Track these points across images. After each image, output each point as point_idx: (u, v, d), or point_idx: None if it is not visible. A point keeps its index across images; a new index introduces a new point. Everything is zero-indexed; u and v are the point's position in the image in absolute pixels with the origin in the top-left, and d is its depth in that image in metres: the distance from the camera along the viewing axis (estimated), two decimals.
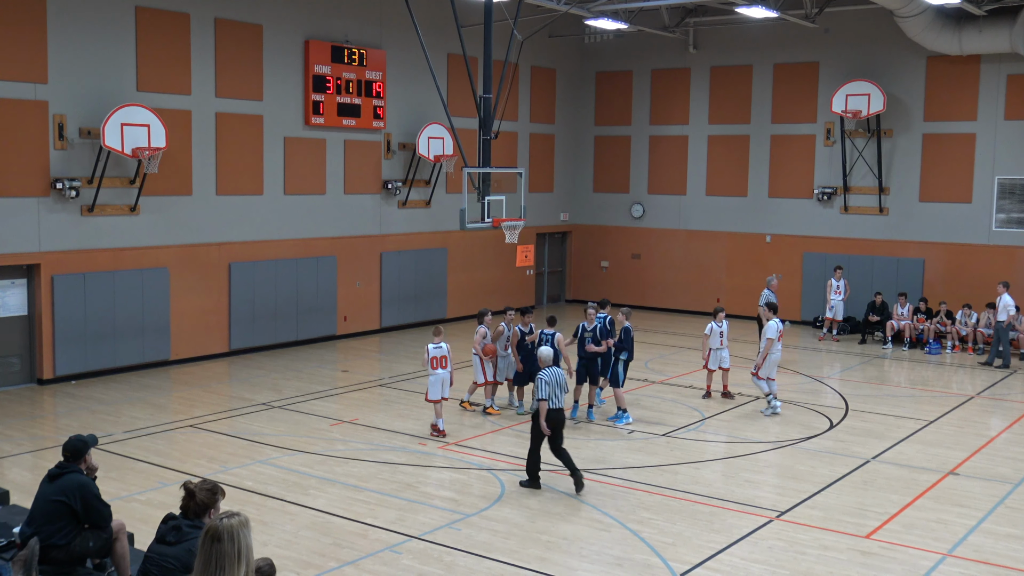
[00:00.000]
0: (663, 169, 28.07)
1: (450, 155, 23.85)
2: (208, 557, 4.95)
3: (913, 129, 24.37)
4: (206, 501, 6.55)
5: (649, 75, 28.08)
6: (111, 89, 17.96)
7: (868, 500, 11.98)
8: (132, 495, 11.69)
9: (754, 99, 26.47)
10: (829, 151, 25.45)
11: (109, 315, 18.20)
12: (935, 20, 22.37)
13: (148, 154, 17.72)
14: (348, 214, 22.73)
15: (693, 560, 9.97)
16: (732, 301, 27.02)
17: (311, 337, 21.93)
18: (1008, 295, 20.73)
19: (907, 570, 9.82)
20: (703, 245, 27.49)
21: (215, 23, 19.62)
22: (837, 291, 23.67)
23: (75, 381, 17.80)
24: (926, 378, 20.01)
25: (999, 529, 11.05)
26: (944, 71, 23.83)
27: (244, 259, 20.54)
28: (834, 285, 23.69)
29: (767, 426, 15.52)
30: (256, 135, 20.65)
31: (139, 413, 15.70)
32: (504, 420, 15.68)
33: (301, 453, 13.61)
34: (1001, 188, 23.42)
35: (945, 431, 15.41)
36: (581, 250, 29.80)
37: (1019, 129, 23.13)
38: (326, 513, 11.20)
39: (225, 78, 19.91)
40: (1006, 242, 23.37)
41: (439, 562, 9.86)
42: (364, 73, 22.43)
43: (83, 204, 17.77)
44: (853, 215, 25.25)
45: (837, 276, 23.73)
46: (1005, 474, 13.13)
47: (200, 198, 19.71)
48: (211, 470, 12.68)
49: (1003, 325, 20.62)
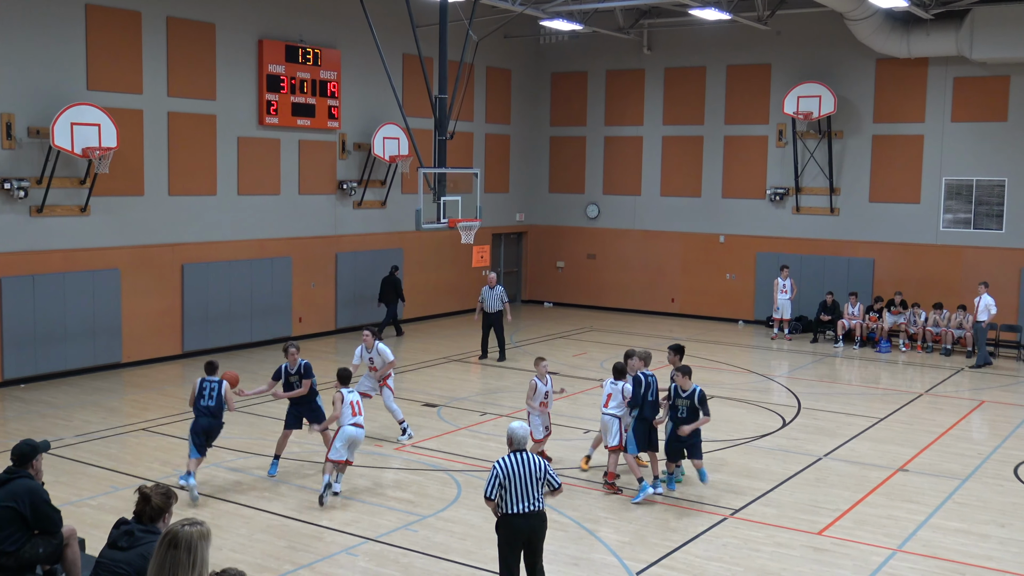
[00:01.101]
0: (618, 170, 28.22)
1: (405, 155, 23.79)
2: (162, 562, 4.91)
3: (863, 131, 24.73)
4: (161, 505, 6.49)
5: (604, 76, 28.22)
6: (61, 88, 17.69)
7: (820, 497, 12.15)
8: (83, 500, 11.54)
9: (707, 100, 26.71)
10: (781, 152, 25.75)
11: (59, 317, 17.93)
12: (884, 23, 22.72)
13: (99, 154, 17.48)
14: (303, 215, 22.59)
15: (649, 559, 10.05)
16: (686, 301, 27.26)
17: (266, 339, 21.76)
18: (988, 295, 20.99)
19: (858, 565, 9.98)
20: (658, 245, 27.68)
21: (167, 21, 19.40)
22: (783, 290, 23.93)
23: (24, 384, 17.51)
24: (877, 376, 20.33)
25: (948, 524, 11.26)
26: (893, 74, 24.21)
27: (197, 260, 20.33)
28: (780, 284, 23.94)
29: (721, 425, 15.67)
30: (209, 135, 20.45)
31: (91, 417, 15.49)
32: (460, 420, 15.66)
33: (256, 456, 13.51)
34: (948, 189, 23.84)
35: (895, 428, 15.67)
36: (536, 250, 29.87)
37: (966, 131, 23.57)
38: (281, 516, 11.13)
39: (177, 77, 19.70)
40: (953, 242, 23.79)
41: (396, 564, 9.84)
42: (318, 73, 22.30)
43: (32, 205, 17.48)
44: (805, 215, 25.57)
45: (784, 275, 24.00)
46: (953, 470, 13.38)
47: (152, 198, 19.48)
48: (164, 474, 12.55)
49: (982, 325, 20.88)
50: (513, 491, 8.27)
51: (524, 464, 8.32)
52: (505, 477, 8.27)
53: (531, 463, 8.36)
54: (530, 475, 8.31)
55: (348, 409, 11.89)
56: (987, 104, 23.24)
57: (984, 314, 20.82)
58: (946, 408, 17.29)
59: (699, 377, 18.22)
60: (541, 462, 8.44)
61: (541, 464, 8.42)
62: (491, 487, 8.32)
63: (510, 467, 8.29)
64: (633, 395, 12.17)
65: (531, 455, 8.47)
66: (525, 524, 8.29)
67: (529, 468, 8.32)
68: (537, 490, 8.34)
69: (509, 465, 8.30)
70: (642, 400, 12.14)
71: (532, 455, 8.48)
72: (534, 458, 8.45)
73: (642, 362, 12.49)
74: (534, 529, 8.36)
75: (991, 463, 13.75)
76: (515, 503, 8.27)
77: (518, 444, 8.52)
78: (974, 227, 23.58)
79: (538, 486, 8.35)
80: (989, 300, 20.89)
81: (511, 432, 8.59)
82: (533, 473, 8.32)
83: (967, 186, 23.62)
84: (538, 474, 8.35)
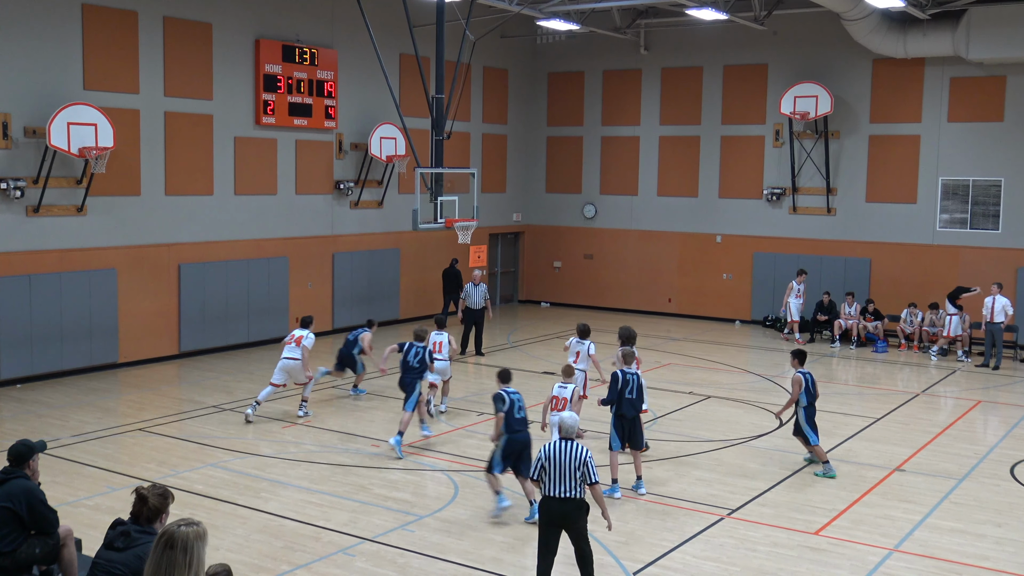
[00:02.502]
0: (615, 170, 28.23)
1: (402, 155, 23.78)
2: (159, 562, 4.91)
3: (859, 131, 24.76)
4: (158, 506, 6.48)
5: (601, 76, 28.23)
6: (57, 87, 17.67)
7: (817, 497, 12.16)
8: (80, 500, 11.52)
9: (704, 100, 26.73)
10: (778, 152, 25.77)
11: (56, 317, 17.90)
12: (881, 23, 22.75)
13: (95, 154, 17.46)
14: (299, 215, 22.57)
15: (646, 559, 10.05)
16: (683, 301, 27.28)
17: (262, 339, 21.74)
18: (1003, 295, 20.91)
19: (855, 565, 9.98)
20: (655, 245, 27.69)
21: (163, 21, 19.38)
22: (798, 295, 23.54)
23: (20, 385, 17.48)
24: (873, 376, 20.35)
25: (944, 524, 11.27)
26: (889, 74, 24.23)
27: (194, 260, 20.31)
28: (796, 288, 23.53)
29: (717, 425, 15.68)
30: (206, 135, 20.43)
31: (87, 417, 15.47)
32: (458, 421, 15.67)
33: (253, 456, 13.50)
34: (945, 189, 23.87)
35: (891, 428, 15.68)
36: (534, 250, 29.88)
37: (962, 131, 23.59)
38: (278, 516, 11.13)
39: (174, 77, 19.68)
40: (950, 242, 23.82)
41: (393, 564, 9.84)
42: (315, 73, 22.29)
43: (28, 204, 17.46)
44: (801, 215, 25.59)
45: (800, 280, 23.56)
46: (949, 470, 13.40)
47: (149, 198, 19.46)
48: (161, 474, 12.54)
49: (1000, 326, 20.77)
50: (553, 476, 8.74)
51: (567, 452, 8.77)
52: (547, 460, 8.80)
53: (573, 452, 8.78)
54: (570, 463, 8.72)
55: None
56: (983, 104, 23.27)
57: (1001, 315, 20.68)
58: (943, 408, 17.31)
59: (697, 377, 18.25)
60: (583, 453, 8.80)
61: (583, 455, 8.78)
62: (535, 469, 8.95)
63: (553, 453, 8.80)
64: (609, 392, 12.31)
65: (577, 445, 8.86)
66: (558, 508, 8.73)
67: (570, 457, 8.75)
68: (574, 478, 8.72)
69: (552, 451, 8.81)
70: (619, 397, 12.20)
71: (578, 445, 8.87)
72: (579, 448, 8.83)
73: (623, 360, 12.53)
74: (566, 514, 8.73)
75: (987, 463, 13.77)
76: (553, 487, 8.75)
77: (565, 432, 9.04)
78: (970, 227, 23.60)
79: (576, 474, 8.72)
80: (1005, 300, 20.72)
81: (560, 420, 9.21)
82: (572, 462, 8.73)
83: (963, 186, 23.64)
84: (576, 463, 8.73)
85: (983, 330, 21.19)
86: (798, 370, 13.29)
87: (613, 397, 12.25)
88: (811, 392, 13.15)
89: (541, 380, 19.00)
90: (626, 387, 12.19)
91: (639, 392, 12.25)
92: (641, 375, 12.50)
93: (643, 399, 12.42)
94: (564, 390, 12.46)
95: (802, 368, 13.32)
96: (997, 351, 20.82)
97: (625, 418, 12.21)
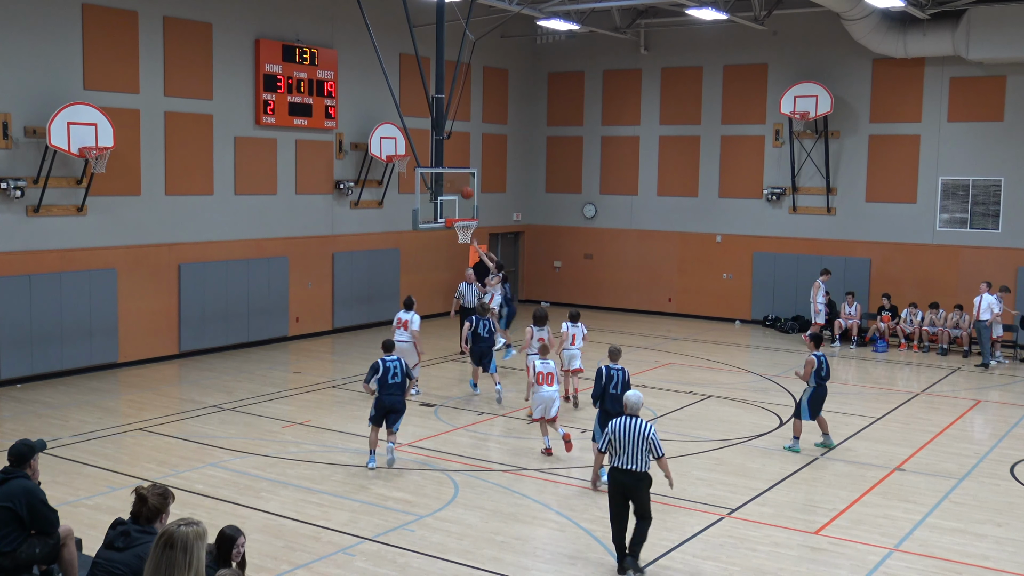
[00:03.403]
0: (615, 169, 28.23)
1: (402, 155, 23.78)
2: (158, 562, 4.91)
3: (859, 130, 24.76)
4: (158, 506, 6.49)
5: (601, 76, 28.23)
6: (57, 87, 17.67)
7: (817, 496, 12.16)
8: (80, 500, 11.53)
9: (704, 100, 26.73)
10: (778, 152, 25.77)
11: (56, 317, 17.90)
12: (881, 23, 22.75)
13: (95, 154, 17.46)
14: (300, 214, 22.57)
15: (646, 558, 10.04)
16: (683, 301, 27.29)
17: (262, 338, 21.75)
18: (990, 294, 20.93)
19: (855, 565, 9.99)
20: (655, 245, 27.69)
21: (164, 21, 19.39)
22: (825, 295, 23.06)
23: (21, 384, 17.49)
24: (873, 376, 20.35)
25: (944, 524, 11.27)
26: (889, 73, 24.23)
27: (194, 260, 20.32)
28: (822, 287, 22.94)
29: (717, 425, 15.69)
30: (206, 135, 20.43)
31: (87, 416, 15.47)
32: (457, 420, 15.68)
33: (253, 456, 13.50)
34: (945, 189, 23.87)
35: (892, 428, 15.68)
36: (534, 250, 29.88)
37: (962, 131, 23.60)
38: (278, 516, 11.13)
39: (174, 77, 19.68)
40: (950, 241, 23.82)
41: (393, 564, 9.84)
42: (315, 72, 22.29)
43: (28, 204, 17.46)
44: (801, 215, 25.59)
45: (825, 279, 23.05)
46: (950, 469, 13.40)
47: (149, 198, 19.46)
48: (161, 474, 12.54)
49: (985, 324, 20.82)
50: (619, 449, 9.52)
51: (633, 428, 9.55)
52: (614, 435, 9.58)
53: (639, 428, 9.55)
54: (636, 438, 9.50)
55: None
56: (983, 104, 23.27)
57: (987, 313, 20.75)
58: (943, 408, 17.31)
59: (697, 376, 18.26)
60: (648, 430, 9.54)
61: (647, 431, 9.54)
62: (603, 442, 9.75)
63: (620, 428, 9.58)
64: (594, 387, 12.51)
65: (641, 421, 9.61)
66: (623, 479, 9.53)
67: (636, 432, 9.53)
68: (640, 452, 9.49)
69: (620, 426, 9.60)
70: (602, 392, 12.32)
71: (642, 421, 9.61)
72: (643, 424, 9.58)
73: (610, 357, 12.71)
74: (630, 485, 9.52)
75: (988, 462, 13.77)
76: (619, 460, 9.54)
77: (632, 409, 9.81)
78: (970, 227, 23.61)
79: (642, 449, 9.49)
80: (991, 299, 20.81)
81: (626, 399, 9.99)
82: (637, 437, 9.50)
83: (963, 186, 23.64)
84: (641, 439, 9.51)
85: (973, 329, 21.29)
86: (813, 352, 14.00)
87: (597, 392, 12.41)
88: (823, 374, 13.92)
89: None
90: (610, 382, 12.35)
91: (624, 388, 12.26)
92: (627, 371, 12.56)
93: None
94: (547, 366, 13.44)
95: (817, 351, 14.02)
96: (983, 349, 20.88)
97: (609, 413, 12.23)
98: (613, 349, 12.84)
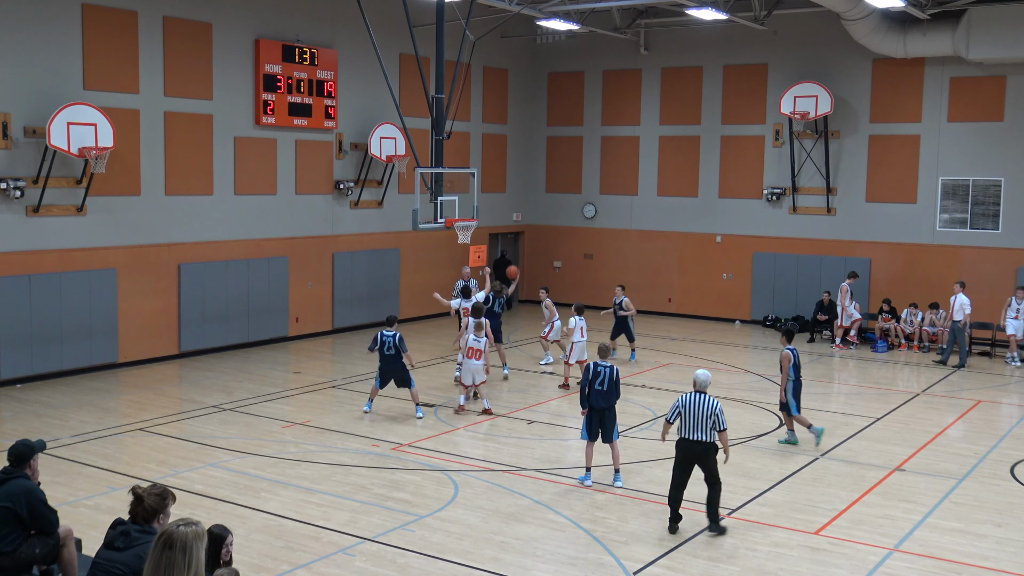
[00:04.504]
0: (615, 169, 28.23)
1: (402, 155, 23.78)
2: (157, 563, 4.90)
3: (859, 130, 24.75)
4: (155, 506, 6.48)
5: (601, 76, 28.23)
6: (57, 87, 17.67)
7: (817, 496, 12.16)
8: (80, 500, 11.52)
9: (704, 100, 26.73)
10: (778, 152, 25.76)
11: (55, 317, 17.90)
12: (881, 23, 22.74)
13: (95, 154, 17.46)
14: (299, 214, 22.57)
15: (646, 558, 10.05)
16: (683, 301, 27.29)
17: (262, 339, 21.75)
18: (964, 294, 20.96)
19: (855, 565, 9.98)
20: (655, 245, 27.69)
21: (163, 21, 19.38)
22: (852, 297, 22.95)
23: (20, 384, 17.48)
24: (874, 376, 20.34)
25: (944, 524, 11.27)
26: (889, 73, 24.23)
27: (194, 260, 20.31)
28: (849, 290, 22.74)
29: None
30: (206, 135, 20.43)
31: (87, 417, 15.47)
32: (458, 420, 15.68)
33: (253, 456, 13.50)
34: (945, 189, 23.87)
35: (892, 428, 15.68)
36: (534, 250, 29.88)
37: (962, 131, 23.59)
38: (278, 516, 11.12)
39: (174, 77, 19.68)
40: (950, 242, 23.82)
41: (393, 564, 9.83)
42: (315, 72, 22.29)
43: (28, 204, 17.46)
44: (801, 215, 25.59)
45: (852, 281, 22.86)
46: (949, 469, 13.39)
47: (149, 198, 19.46)
48: (161, 474, 12.54)
49: (959, 325, 20.85)
50: (688, 421, 10.61)
51: (700, 403, 10.62)
52: (684, 408, 10.66)
53: (706, 403, 10.62)
54: (703, 412, 10.59)
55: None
56: (983, 104, 23.27)
57: (959, 313, 20.81)
58: (943, 408, 17.31)
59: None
60: (715, 405, 10.61)
61: (714, 406, 10.61)
62: (672, 414, 10.82)
63: (689, 402, 10.67)
64: (582, 382, 12.59)
65: (708, 397, 10.67)
66: (691, 448, 10.66)
67: (703, 406, 10.61)
68: (707, 425, 10.57)
69: (688, 400, 10.68)
70: (588, 387, 12.36)
71: (710, 397, 10.68)
72: (710, 400, 10.65)
73: (599, 354, 12.76)
74: (698, 454, 10.64)
75: (988, 463, 13.77)
76: (688, 431, 10.64)
77: (700, 386, 10.81)
78: (970, 227, 23.60)
79: (708, 422, 10.57)
80: (964, 299, 20.88)
81: (695, 376, 10.92)
82: (705, 411, 10.59)
83: (963, 186, 23.64)
84: (708, 413, 10.58)
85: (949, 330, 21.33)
86: (786, 347, 14.27)
87: (584, 387, 12.46)
88: (798, 367, 14.24)
89: (542, 379, 19.04)
90: (596, 378, 12.38)
91: (611, 385, 12.34)
92: (616, 368, 12.54)
93: (616, 392, 12.47)
94: (478, 343, 15.68)
95: (790, 345, 14.32)
96: (960, 349, 20.93)
97: (594, 409, 12.40)
98: (603, 346, 12.94)
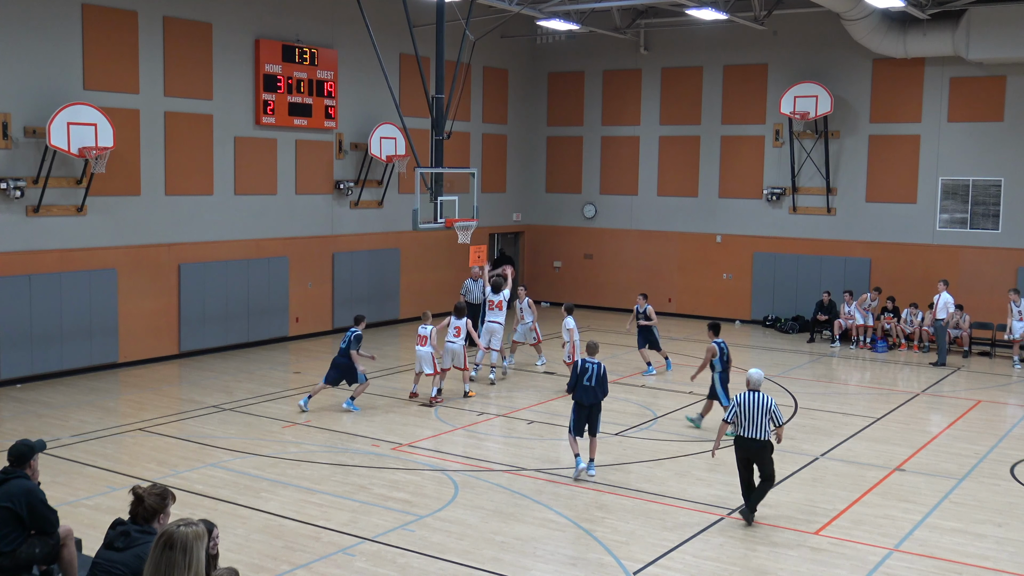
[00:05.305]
0: (615, 170, 28.23)
1: (402, 155, 23.78)
2: (158, 563, 4.90)
3: (859, 131, 24.75)
4: (155, 506, 6.48)
5: (601, 76, 28.23)
6: (57, 87, 17.67)
7: (817, 497, 12.16)
8: (80, 500, 11.52)
9: (704, 100, 26.73)
10: (778, 152, 25.76)
11: (55, 317, 17.90)
12: (881, 23, 22.74)
13: (95, 154, 17.46)
14: (299, 214, 22.57)
15: (646, 558, 10.05)
16: (683, 301, 27.28)
17: (263, 339, 21.75)
18: (947, 293, 21.03)
19: (855, 565, 9.98)
20: (655, 245, 27.69)
21: (163, 21, 19.38)
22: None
23: (20, 384, 17.49)
24: (873, 376, 20.34)
25: (944, 524, 11.27)
26: (889, 74, 24.23)
27: (194, 260, 20.31)
28: (868, 300, 23.18)
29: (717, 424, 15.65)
30: (206, 135, 20.43)
31: (87, 417, 15.47)
32: (458, 420, 15.68)
33: (253, 456, 13.50)
34: (945, 189, 23.87)
35: (892, 428, 15.68)
36: (534, 250, 29.88)
37: (962, 131, 23.59)
38: (278, 516, 11.13)
39: (174, 77, 19.68)
40: (950, 242, 23.82)
41: (392, 564, 9.84)
42: (315, 72, 22.29)
43: (28, 204, 17.46)
44: (801, 215, 25.59)
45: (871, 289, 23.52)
46: (949, 469, 13.39)
47: (149, 198, 19.46)
48: (161, 474, 12.54)
49: (943, 323, 20.90)
50: (745, 419, 10.83)
51: (756, 401, 10.86)
52: (740, 407, 10.88)
53: (762, 401, 10.85)
54: (759, 410, 10.81)
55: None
56: (983, 104, 23.27)
57: (942, 312, 20.86)
58: (943, 408, 17.31)
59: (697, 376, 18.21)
60: (770, 402, 10.83)
61: (770, 404, 10.83)
62: (730, 413, 11.04)
63: (745, 401, 10.89)
64: (570, 378, 12.86)
65: (764, 395, 10.91)
66: (749, 445, 10.89)
67: (760, 404, 10.84)
68: (764, 422, 10.80)
69: (745, 399, 10.91)
70: (576, 383, 12.57)
71: (765, 395, 10.90)
72: (765, 398, 10.87)
73: (587, 351, 13.02)
74: (755, 451, 10.88)
75: (988, 463, 13.77)
76: (745, 429, 10.85)
77: (754, 385, 11.07)
78: (970, 227, 23.60)
79: (765, 420, 10.80)
80: (948, 298, 20.94)
81: (749, 375, 11.20)
82: (761, 409, 10.81)
83: (963, 186, 23.64)
84: (764, 410, 10.81)
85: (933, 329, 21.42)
86: (714, 340, 15.11)
87: (572, 383, 12.73)
88: (724, 359, 15.00)
89: (542, 379, 19.04)
90: (584, 375, 12.56)
91: (599, 381, 12.53)
92: (603, 366, 12.67)
93: (605, 389, 12.64)
94: (425, 330, 16.52)
95: (717, 338, 15.16)
96: (939, 348, 20.97)
97: (582, 405, 12.56)
98: (591, 344, 13.15)
